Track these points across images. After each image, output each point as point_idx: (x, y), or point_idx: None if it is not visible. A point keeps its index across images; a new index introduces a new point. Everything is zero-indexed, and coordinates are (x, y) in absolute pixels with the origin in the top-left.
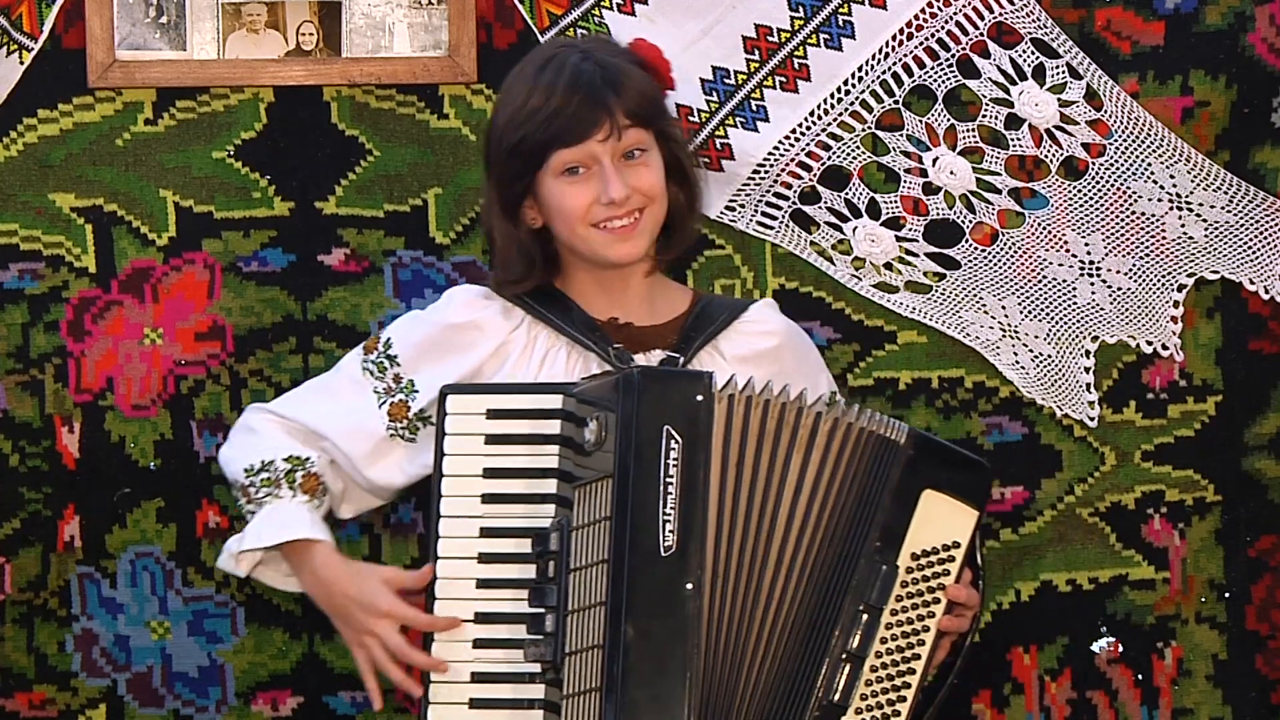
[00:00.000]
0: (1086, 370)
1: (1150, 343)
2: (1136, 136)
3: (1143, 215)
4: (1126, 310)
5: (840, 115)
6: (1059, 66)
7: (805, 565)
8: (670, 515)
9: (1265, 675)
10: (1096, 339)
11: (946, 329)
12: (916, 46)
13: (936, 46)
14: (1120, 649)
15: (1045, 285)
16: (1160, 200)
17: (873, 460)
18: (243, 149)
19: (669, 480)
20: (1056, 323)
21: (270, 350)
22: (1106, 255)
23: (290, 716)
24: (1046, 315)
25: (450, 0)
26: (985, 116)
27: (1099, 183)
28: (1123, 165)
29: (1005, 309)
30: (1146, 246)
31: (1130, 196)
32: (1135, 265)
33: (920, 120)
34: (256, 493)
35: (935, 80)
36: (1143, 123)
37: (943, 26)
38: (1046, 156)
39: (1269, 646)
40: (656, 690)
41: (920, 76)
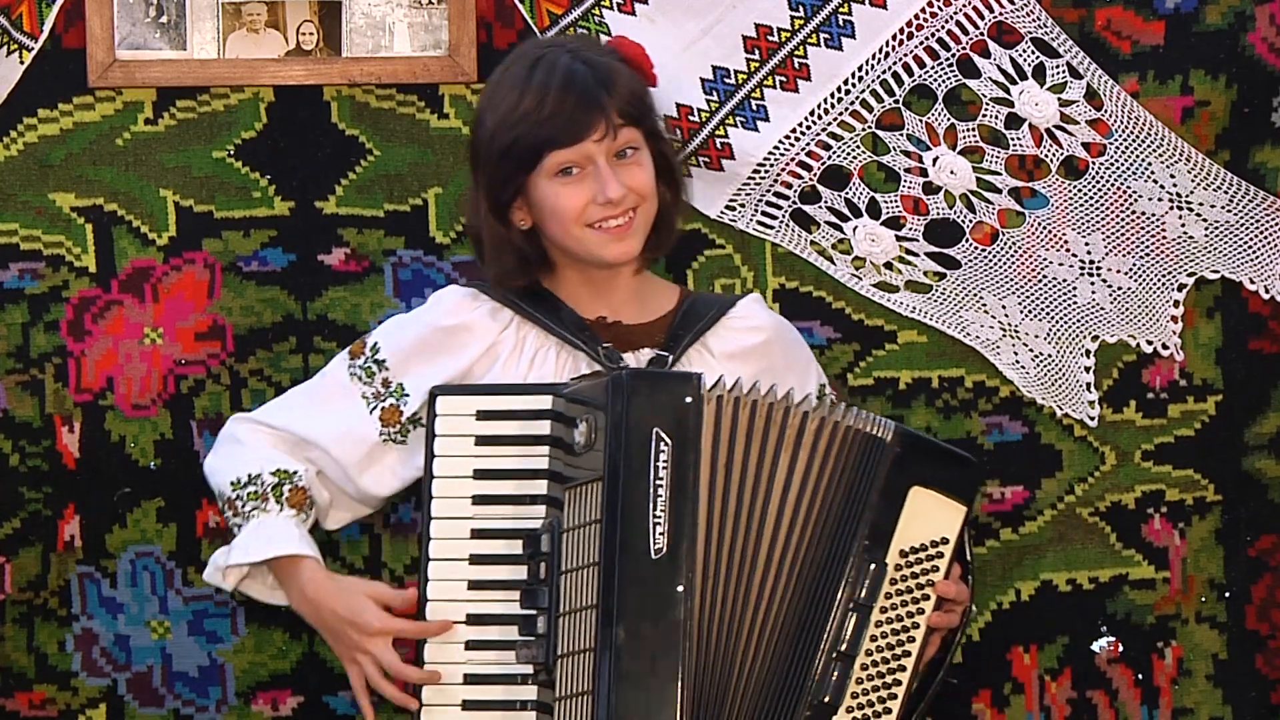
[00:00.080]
0: (1086, 370)
1: (1150, 342)
2: (1137, 136)
3: (1143, 215)
4: (1127, 310)
5: (840, 115)
6: (1059, 66)
7: (794, 565)
8: (660, 517)
9: (1265, 675)
10: (1096, 338)
11: (946, 328)
12: (917, 46)
13: (936, 46)
14: (1120, 649)
15: (1045, 285)
16: (1160, 200)
17: (860, 458)
18: (243, 149)
19: (659, 482)
20: (1056, 322)
21: (270, 350)
22: (1107, 255)
23: (290, 716)
24: (1047, 315)
25: (450, 0)
26: (985, 116)
27: (1099, 182)
28: (1123, 165)
29: (1005, 308)
30: (1146, 246)
31: (1130, 196)
32: (1135, 265)
33: (920, 120)
34: (243, 506)
35: (935, 80)
36: (1143, 122)
37: (943, 26)
38: (1047, 156)
39: (1269, 646)
40: (648, 693)
41: (920, 76)
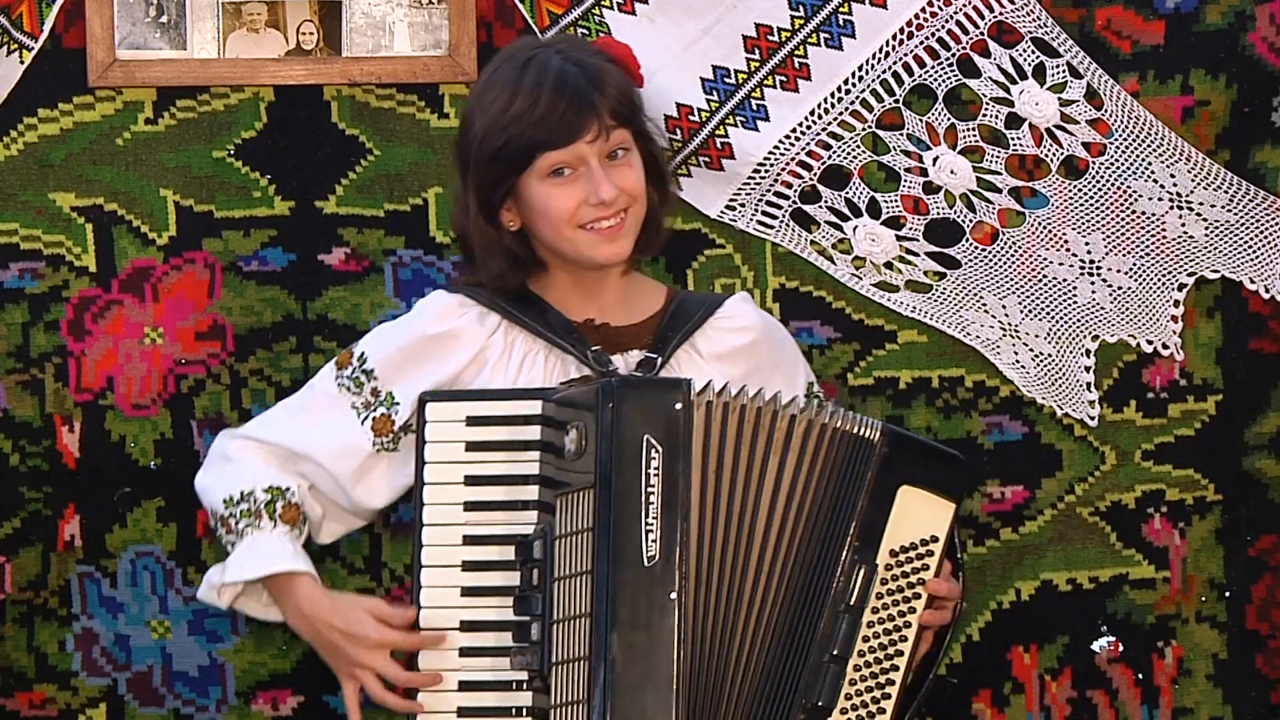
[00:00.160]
0: (1087, 369)
1: (1150, 342)
2: (1137, 136)
3: (1143, 214)
4: (1127, 309)
5: (840, 114)
6: (1059, 66)
7: (785, 569)
8: (652, 525)
9: (1265, 675)
10: (1097, 338)
11: (947, 328)
12: (917, 46)
13: (937, 46)
14: (1120, 648)
15: (1045, 284)
16: (1160, 199)
17: (848, 460)
18: (243, 148)
19: (650, 490)
20: (1057, 322)
21: (270, 350)
22: (1107, 254)
23: (290, 716)
24: (1047, 314)
25: (450, 0)
26: (985, 116)
27: (1099, 182)
28: (1123, 164)
29: (1005, 308)
30: (1147, 246)
31: (1130, 196)
32: (1135, 264)
33: (920, 119)
34: (237, 524)
35: (935, 79)
36: (1143, 122)
37: (943, 26)
38: (1047, 156)
39: (1269, 646)
40: (643, 702)
41: (920, 76)
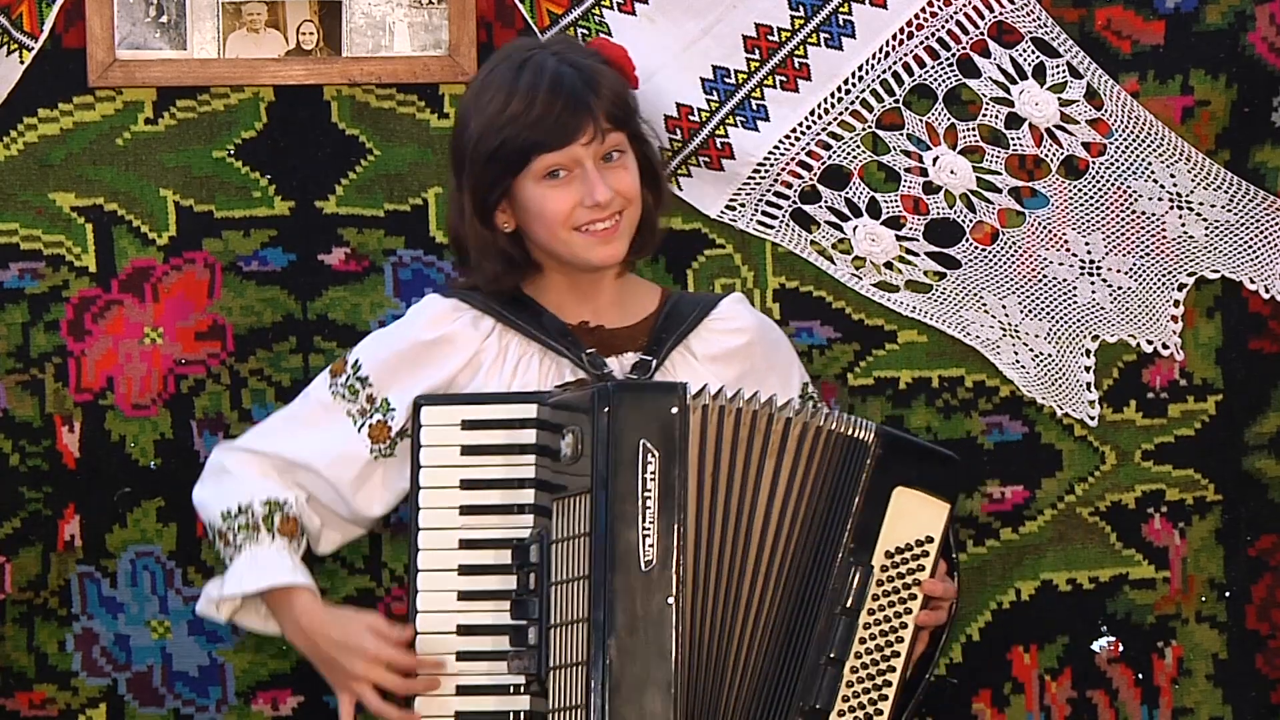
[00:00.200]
0: (1087, 369)
1: (1150, 342)
2: (1137, 136)
3: (1143, 214)
4: (1127, 309)
5: (840, 114)
6: (1059, 66)
7: (782, 573)
8: (649, 529)
9: (1265, 675)
10: (1097, 338)
11: (947, 328)
12: (917, 46)
13: (937, 46)
14: (1120, 648)
15: (1045, 284)
16: (1160, 199)
17: (843, 461)
18: (243, 148)
19: (647, 494)
20: (1057, 322)
21: (270, 350)
22: (1107, 254)
23: (290, 716)
24: (1047, 314)
25: (450, 0)
26: (985, 116)
27: (1099, 182)
28: (1123, 164)
29: (1005, 308)
30: (1147, 246)
31: (1130, 196)
32: (1135, 264)
33: (920, 119)
34: (235, 537)
35: (935, 79)
36: (1143, 122)
37: (943, 26)
38: (1047, 156)
39: (1269, 646)
40: (641, 706)
41: (920, 76)
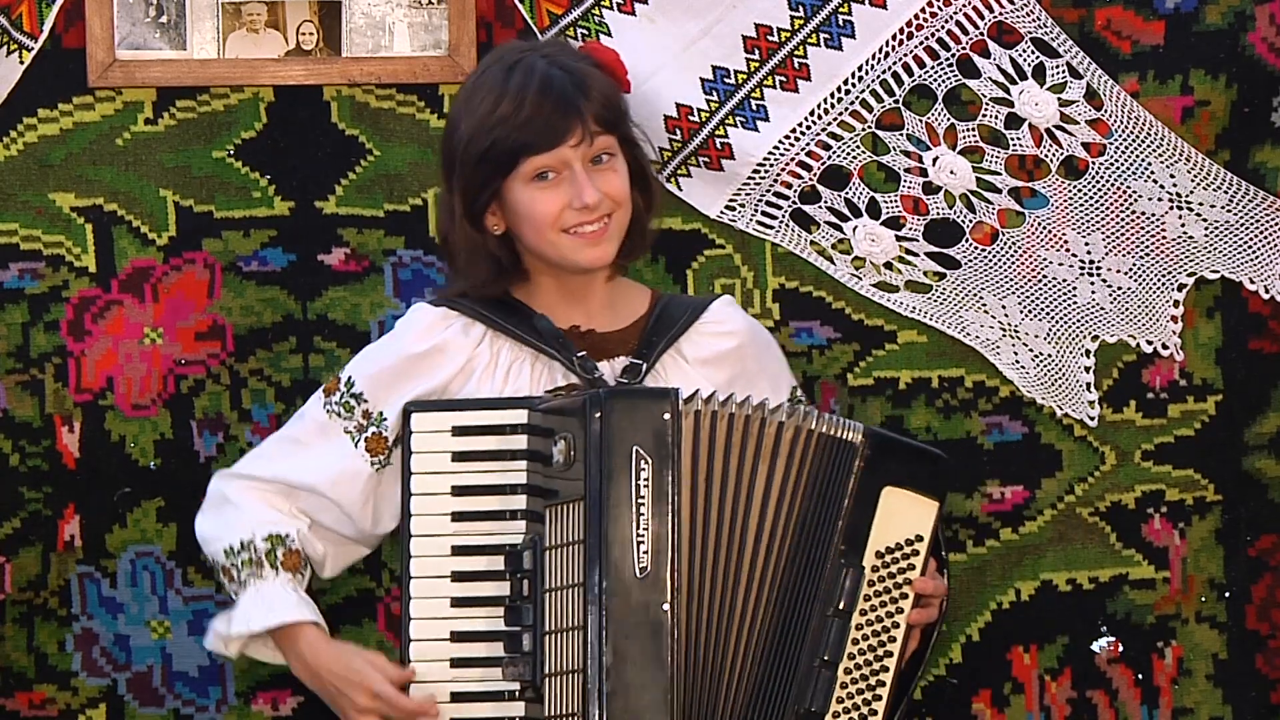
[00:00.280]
0: (1086, 370)
1: (1150, 342)
2: (1136, 136)
3: (1143, 215)
4: (1126, 310)
5: (840, 115)
6: (1059, 66)
7: (774, 576)
8: (643, 535)
9: (1265, 675)
10: (1096, 338)
11: (946, 328)
12: (916, 46)
13: (936, 46)
14: (1120, 649)
15: (1045, 285)
16: (1160, 200)
17: (832, 463)
18: (243, 149)
19: (640, 501)
20: (1056, 322)
21: (270, 350)
22: (1106, 255)
23: (290, 716)
24: (1046, 315)
25: (450, 0)
26: (985, 116)
27: (1099, 182)
28: (1123, 165)
29: (1005, 308)
30: (1146, 246)
31: (1130, 196)
32: (1135, 265)
33: (920, 120)
34: (239, 574)
35: (935, 80)
36: (1143, 122)
37: (943, 26)
38: (1046, 156)
39: (1269, 646)
40: (638, 712)
41: (920, 76)
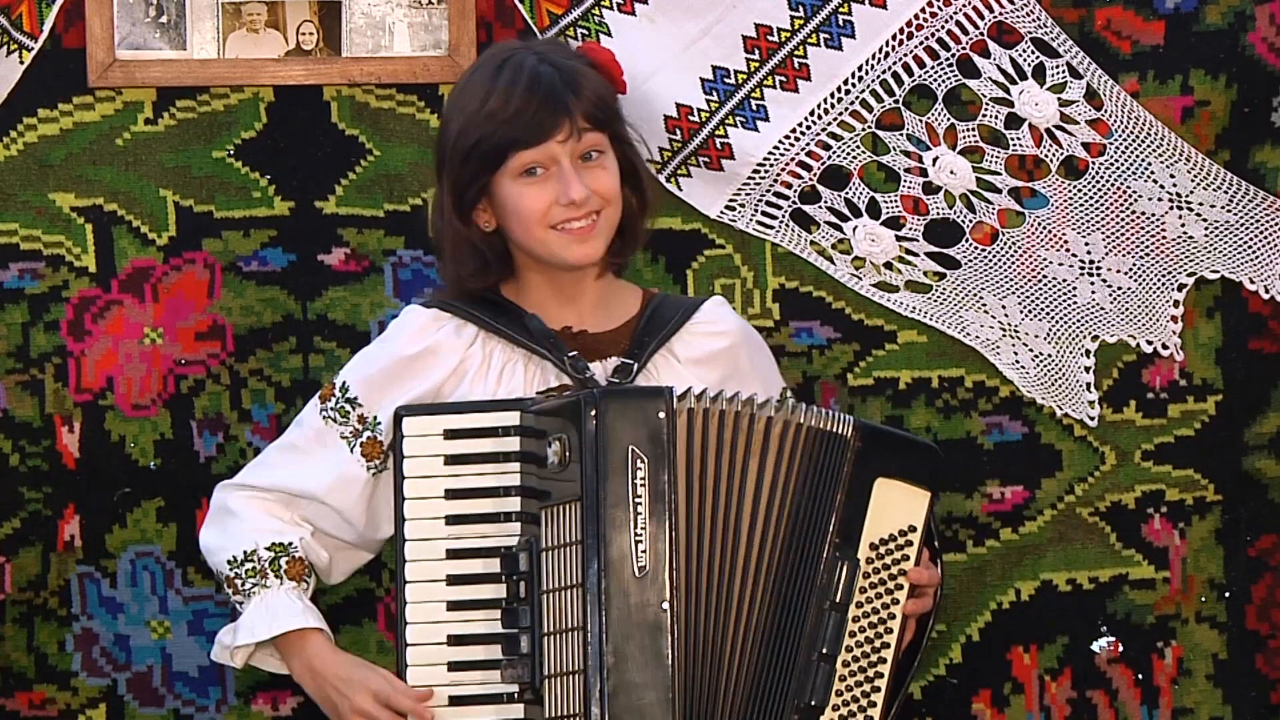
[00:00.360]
0: (1086, 370)
1: (1150, 342)
2: (1136, 136)
3: (1143, 215)
4: (1126, 310)
5: (840, 115)
6: (1059, 66)
7: (770, 571)
8: (641, 535)
9: (1265, 675)
10: (1096, 338)
11: (946, 328)
12: (916, 46)
13: (936, 46)
14: (1120, 649)
15: (1045, 285)
16: (1160, 200)
17: (824, 457)
18: (243, 149)
19: (638, 500)
20: (1056, 322)
21: (270, 350)
22: (1106, 255)
23: (290, 716)
24: (1046, 315)
25: (450, 0)
26: (985, 116)
27: (1099, 182)
28: (1123, 165)
29: (1005, 308)
30: (1146, 246)
31: (1130, 196)
32: (1135, 265)
33: (920, 120)
34: (243, 584)
35: (935, 80)
36: (1143, 122)
37: (943, 26)
38: (1046, 156)
39: (1269, 646)
40: (640, 712)
41: (920, 76)
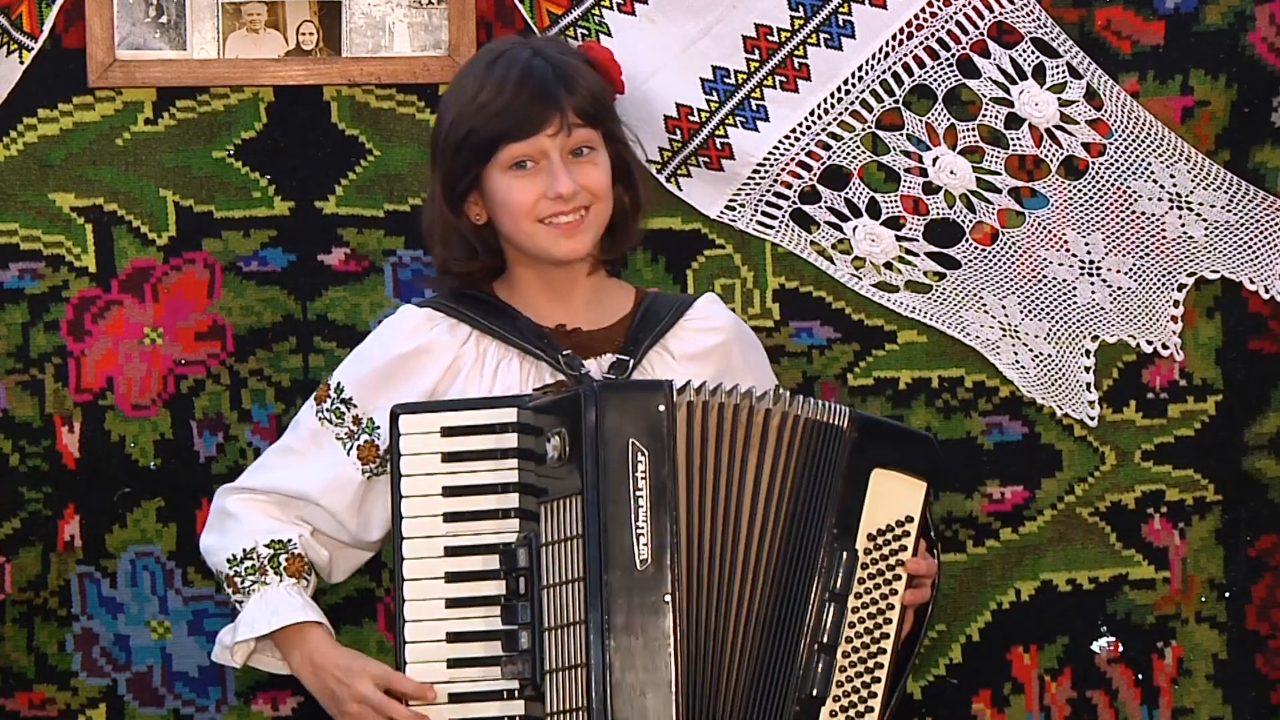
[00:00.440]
0: (1086, 370)
1: (1150, 342)
2: (1136, 136)
3: (1143, 215)
4: (1126, 310)
5: (840, 115)
6: (1059, 66)
7: (770, 563)
8: (643, 528)
9: (1265, 675)
10: (1096, 338)
11: (946, 328)
12: (916, 46)
13: (936, 46)
14: (1120, 649)
15: (1045, 285)
16: (1160, 200)
17: (821, 448)
18: (243, 149)
19: (639, 494)
20: (1056, 322)
21: (270, 350)
22: (1106, 255)
23: (290, 716)
24: (1046, 315)
25: (450, 0)
26: (985, 116)
27: (1099, 182)
28: (1123, 165)
29: (1005, 309)
30: (1146, 246)
31: (1130, 196)
32: (1135, 265)
33: (920, 120)
34: (243, 582)
35: (935, 80)
36: (1143, 122)
37: (943, 26)
38: (1046, 156)
39: (1269, 646)
40: (643, 705)
41: (920, 76)
